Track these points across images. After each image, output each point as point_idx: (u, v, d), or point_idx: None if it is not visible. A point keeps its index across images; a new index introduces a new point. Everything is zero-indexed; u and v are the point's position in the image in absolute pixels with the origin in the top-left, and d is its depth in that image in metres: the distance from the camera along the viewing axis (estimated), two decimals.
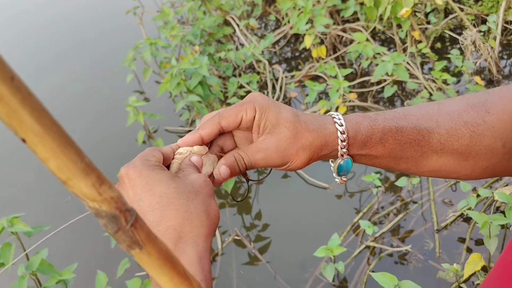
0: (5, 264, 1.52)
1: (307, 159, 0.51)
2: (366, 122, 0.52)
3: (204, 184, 0.45)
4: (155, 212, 0.41)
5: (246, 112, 0.50)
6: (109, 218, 0.20)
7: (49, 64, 3.65)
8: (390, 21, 2.57)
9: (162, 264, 0.23)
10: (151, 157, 0.46)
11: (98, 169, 0.20)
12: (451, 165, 0.53)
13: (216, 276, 1.88)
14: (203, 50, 2.85)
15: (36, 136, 0.17)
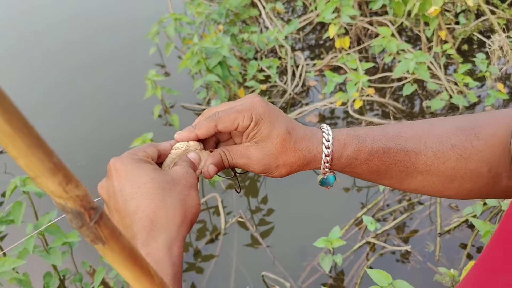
0: (15, 222, 1.58)
1: (286, 173, 0.53)
2: (354, 144, 0.52)
3: (184, 176, 0.47)
4: (134, 201, 0.44)
5: (243, 120, 0.51)
6: (74, 214, 0.22)
7: (78, 32, 3.70)
8: (418, 18, 2.53)
9: (124, 260, 0.25)
10: (139, 153, 0.48)
11: (66, 168, 0.21)
12: (436, 186, 0.53)
13: (216, 254, 1.92)
14: (227, 30, 2.85)
15: (7, 137, 0.19)
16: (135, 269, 0.26)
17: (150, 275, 0.27)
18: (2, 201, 2.26)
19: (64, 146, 2.58)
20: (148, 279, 0.27)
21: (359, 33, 2.82)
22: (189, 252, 1.95)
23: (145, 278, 0.27)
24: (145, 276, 0.27)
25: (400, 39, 2.62)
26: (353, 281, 1.73)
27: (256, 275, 1.80)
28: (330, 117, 2.52)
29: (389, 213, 1.96)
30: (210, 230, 2.03)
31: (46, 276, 1.74)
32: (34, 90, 3.09)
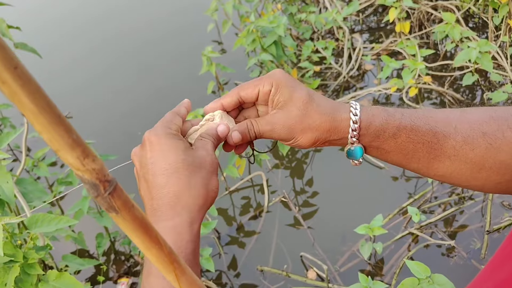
0: (72, 183, 1.70)
1: (313, 139, 0.52)
2: (383, 115, 0.52)
3: (209, 162, 0.50)
4: (163, 177, 0.48)
5: (263, 86, 0.53)
6: (90, 185, 0.25)
7: (140, 11, 3.80)
8: (487, 4, 2.39)
9: (134, 228, 0.28)
10: (172, 125, 0.52)
11: (84, 144, 0.24)
12: (463, 173, 0.52)
13: (258, 231, 1.97)
14: (285, 9, 2.83)
15: (32, 114, 0.22)
16: (145, 238, 0.29)
17: (160, 244, 0.30)
18: (63, 163, 2.41)
19: (122, 114, 2.71)
20: (157, 247, 0.30)
21: (422, 17, 2.71)
22: (232, 226, 2.01)
23: (154, 246, 0.30)
24: (155, 245, 0.30)
25: (465, 26, 2.49)
26: (391, 270, 1.72)
27: (294, 255, 1.83)
28: (384, 103, 2.46)
29: (437, 205, 1.91)
30: (254, 207, 2.07)
31: (98, 236, 1.87)
32: (99, 62, 3.24)
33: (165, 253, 0.31)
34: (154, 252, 0.30)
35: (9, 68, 0.21)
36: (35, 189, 1.26)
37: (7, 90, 0.21)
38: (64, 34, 3.58)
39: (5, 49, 0.21)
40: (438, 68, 2.53)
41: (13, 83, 0.21)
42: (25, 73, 0.21)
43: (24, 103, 0.22)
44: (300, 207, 2.03)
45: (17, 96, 0.21)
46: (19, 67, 0.21)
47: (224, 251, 1.91)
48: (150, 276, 0.44)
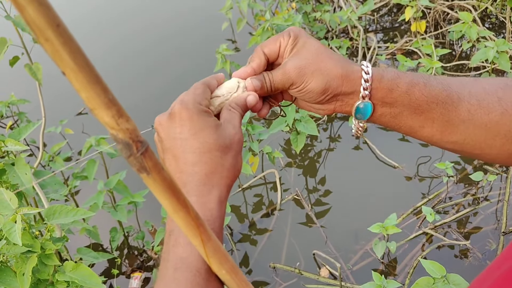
0: (88, 178, 1.71)
1: (323, 84, 0.50)
2: (394, 71, 0.51)
3: (237, 141, 0.50)
4: (195, 155, 0.47)
5: (283, 38, 0.53)
6: (123, 145, 0.26)
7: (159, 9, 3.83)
8: (505, 4, 2.36)
9: (163, 190, 0.29)
10: (203, 101, 0.51)
11: (119, 104, 0.25)
12: (477, 139, 0.50)
13: (271, 229, 1.97)
14: (299, 7, 2.82)
15: (72, 72, 0.23)
16: (173, 200, 0.30)
17: (187, 207, 0.31)
18: (78, 158, 2.44)
19: (135, 108, 2.73)
20: (184, 210, 0.30)
21: (438, 17, 2.69)
22: (244, 223, 2.01)
23: (182, 209, 0.30)
24: (182, 208, 0.30)
25: (482, 25, 2.47)
26: (405, 270, 1.71)
27: (307, 253, 1.82)
28: None
29: (451, 206, 1.90)
30: (267, 205, 2.07)
31: (112, 230, 1.88)
32: (116, 59, 3.27)
33: (192, 216, 0.31)
34: (181, 214, 0.31)
35: (52, 26, 0.21)
36: (52, 181, 1.28)
37: (50, 48, 0.22)
38: (80, 35, 3.62)
39: (48, 7, 0.21)
40: (454, 68, 2.51)
41: (56, 41, 0.21)
42: (66, 32, 0.22)
43: (65, 61, 0.22)
44: (313, 205, 2.03)
45: (58, 54, 0.22)
46: (61, 25, 0.21)
47: (237, 248, 1.91)
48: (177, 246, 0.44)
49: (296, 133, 2.01)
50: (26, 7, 0.20)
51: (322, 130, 2.39)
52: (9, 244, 1.05)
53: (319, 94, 0.51)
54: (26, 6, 0.20)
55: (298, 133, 2.00)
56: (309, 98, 0.52)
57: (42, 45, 0.22)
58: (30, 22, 0.21)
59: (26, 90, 2.78)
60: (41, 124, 1.65)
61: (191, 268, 0.41)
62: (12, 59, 1.52)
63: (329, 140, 2.34)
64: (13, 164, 1.14)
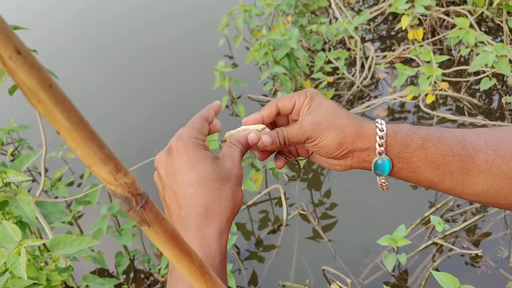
0: (91, 203, 1.70)
1: (338, 139, 0.52)
2: (408, 127, 0.52)
3: (236, 174, 0.51)
4: (192, 188, 0.48)
5: (299, 97, 0.55)
6: (123, 199, 0.25)
7: (150, 22, 3.85)
8: (500, 8, 2.36)
9: (166, 241, 0.28)
10: (199, 136, 0.52)
11: (116, 159, 0.25)
12: (500, 190, 0.49)
13: (278, 245, 1.94)
14: (295, 21, 2.83)
15: (66, 131, 0.23)
16: (176, 250, 0.29)
17: (190, 256, 0.30)
18: (81, 182, 2.43)
19: (132, 128, 2.72)
20: (188, 260, 0.30)
21: (434, 24, 2.69)
22: (251, 240, 1.99)
23: (185, 259, 0.30)
24: (185, 257, 0.30)
25: (479, 30, 2.47)
26: (417, 282, 1.68)
27: (316, 268, 1.80)
28: (399, 111, 2.44)
29: (459, 214, 1.87)
30: (272, 221, 2.05)
31: (118, 255, 1.86)
32: (104, 74, 3.27)
33: (196, 265, 0.31)
34: (185, 264, 0.31)
35: (44, 87, 0.21)
36: (55, 210, 1.26)
37: (43, 109, 0.22)
38: (63, 46, 3.63)
39: (39, 69, 0.21)
40: (453, 73, 2.51)
41: (48, 101, 0.22)
42: (59, 91, 0.22)
43: (59, 120, 0.22)
44: (319, 219, 2.00)
45: (52, 114, 0.22)
46: (53, 86, 0.22)
47: (244, 266, 1.88)
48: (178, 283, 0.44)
49: None
50: (17, 71, 0.20)
51: None
52: (13, 278, 1.03)
53: (335, 149, 0.52)
54: (17, 70, 0.20)
55: None
56: (325, 153, 0.53)
57: (34, 106, 0.22)
58: (21, 85, 0.21)
59: (25, 115, 2.77)
60: (43, 151, 1.63)
61: None
62: (11, 88, 1.52)
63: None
64: (15, 194, 1.13)
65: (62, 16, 4.19)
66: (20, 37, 0.21)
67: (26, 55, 0.21)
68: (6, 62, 0.20)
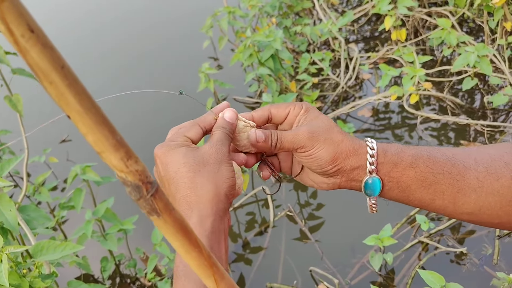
0: (75, 207, 1.67)
1: (334, 153, 0.51)
2: (397, 146, 0.52)
3: (212, 154, 0.49)
4: (173, 186, 0.48)
5: (294, 107, 0.55)
6: (133, 187, 0.25)
7: (134, 26, 3.82)
8: (481, 8, 2.40)
9: (175, 232, 0.28)
10: (178, 138, 0.52)
11: (127, 146, 0.24)
12: (492, 208, 0.49)
13: (265, 247, 1.94)
14: (279, 22, 2.84)
15: (78, 115, 0.22)
16: (185, 241, 0.29)
17: (199, 248, 0.30)
18: (64, 186, 2.39)
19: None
20: (197, 251, 0.30)
21: (417, 24, 2.72)
22: (238, 243, 1.98)
23: (194, 250, 0.30)
24: (194, 248, 0.30)
25: (460, 30, 2.50)
26: (403, 280, 1.69)
27: (304, 269, 1.80)
28: (384, 111, 2.46)
29: None
30: (259, 223, 2.05)
31: (103, 260, 1.83)
32: (93, 79, 3.24)
33: (205, 256, 0.30)
34: (194, 255, 0.30)
35: (56, 68, 0.20)
36: (38, 216, 1.24)
37: (54, 91, 0.21)
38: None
39: (52, 48, 0.20)
40: (436, 74, 2.54)
41: (60, 83, 0.21)
42: (71, 73, 0.21)
43: (71, 104, 0.21)
44: (306, 220, 2.01)
45: (63, 97, 0.21)
46: (65, 67, 0.21)
47: (231, 269, 1.87)
48: (188, 276, 0.44)
49: None
50: (30, 51, 0.19)
51: None
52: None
53: (328, 163, 0.51)
54: (30, 49, 0.19)
55: None
56: (317, 166, 0.52)
57: (45, 88, 0.21)
58: (33, 65, 0.20)
59: (6, 119, 2.72)
60: (24, 156, 1.60)
61: None
62: None
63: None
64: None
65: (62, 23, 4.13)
66: None
67: (39, 34, 0.20)
68: (18, 40, 0.19)
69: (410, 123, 2.34)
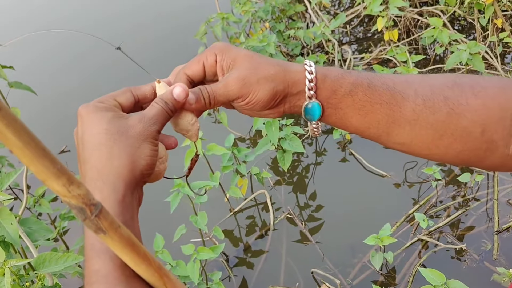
0: (76, 218, 1.68)
1: (271, 90, 0.49)
2: (338, 71, 0.50)
3: (139, 129, 0.45)
4: (87, 151, 0.44)
5: (207, 58, 0.51)
6: (77, 210, 0.27)
7: (127, 34, 3.83)
8: (472, 6, 2.42)
9: (123, 247, 0.30)
10: (107, 101, 0.47)
11: (69, 173, 0.26)
12: (424, 140, 0.49)
13: (266, 250, 1.95)
14: (273, 26, 2.85)
15: (18, 149, 0.24)
16: (133, 255, 0.31)
17: (148, 260, 0.32)
18: None
19: None
20: (146, 263, 0.32)
21: (409, 24, 2.74)
22: (239, 247, 1.99)
23: (143, 262, 0.32)
24: (143, 261, 0.32)
25: (452, 29, 2.52)
26: (405, 279, 1.70)
27: (305, 271, 1.81)
28: None
29: (443, 209, 1.91)
30: (260, 226, 2.06)
31: None
32: (78, 81, 3.24)
33: (154, 268, 0.32)
34: (143, 267, 0.32)
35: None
36: (39, 228, 1.25)
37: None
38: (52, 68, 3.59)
39: None
40: (429, 72, 2.55)
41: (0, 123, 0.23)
42: (9, 114, 0.23)
43: (10, 140, 0.23)
44: (306, 222, 2.02)
45: (3, 135, 0.23)
46: (3, 109, 0.23)
47: (234, 273, 1.88)
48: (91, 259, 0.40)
49: (282, 152, 2.01)
50: None
51: (307, 145, 2.40)
52: None
53: (269, 101, 0.50)
54: None
55: (284, 152, 2.00)
56: (259, 107, 0.50)
57: None
58: None
59: None
60: (24, 169, 1.61)
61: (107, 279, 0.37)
62: None
63: (315, 155, 2.35)
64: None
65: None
66: None
67: None
68: None
69: None
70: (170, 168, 0.54)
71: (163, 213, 2.07)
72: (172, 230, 1.72)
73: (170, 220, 2.00)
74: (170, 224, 1.96)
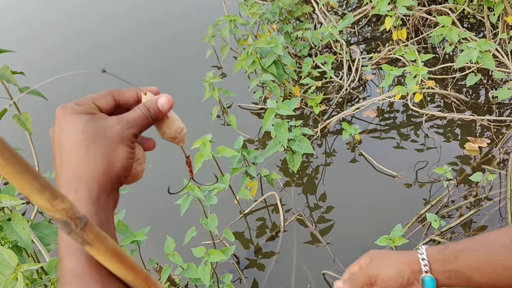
0: None
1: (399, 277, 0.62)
2: None
3: (116, 131, 0.45)
4: (63, 152, 0.44)
5: None
6: (62, 223, 0.28)
7: (134, 34, 3.85)
8: (481, 4, 2.40)
9: (109, 258, 0.30)
10: (85, 103, 0.47)
11: (52, 188, 0.27)
12: None
13: (277, 252, 1.94)
14: (280, 28, 2.85)
15: (1, 167, 0.25)
16: (120, 266, 0.31)
17: (135, 270, 0.32)
18: None
19: None
20: (133, 273, 0.32)
21: (417, 23, 2.72)
22: (250, 249, 1.99)
23: (130, 273, 0.32)
24: (130, 272, 0.32)
25: (461, 27, 2.50)
26: None
27: (317, 272, 1.80)
28: (389, 111, 2.46)
29: (455, 209, 1.89)
30: (270, 228, 2.05)
31: None
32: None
33: (142, 278, 0.33)
34: (130, 278, 0.33)
35: None
36: (51, 232, 1.26)
37: None
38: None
39: None
40: (439, 71, 2.54)
41: None
42: None
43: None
44: (316, 223, 2.01)
45: None
46: None
47: (244, 275, 1.88)
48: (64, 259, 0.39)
49: (291, 153, 2.01)
50: None
51: (317, 146, 2.39)
52: None
53: None
54: None
55: (293, 153, 1.99)
56: None
57: None
58: None
59: (16, 138, 2.75)
60: None
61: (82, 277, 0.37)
62: (1, 112, 1.51)
63: (324, 156, 2.34)
64: (9, 220, 1.12)
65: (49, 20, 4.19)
66: None
67: None
68: None
69: (415, 121, 2.34)
70: (182, 173, 0.54)
71: (173, 216, 2.08)
72: (183, 233, 1.72)
73: (180, 222, 2.01)
74: (181, 226, 1.96)
